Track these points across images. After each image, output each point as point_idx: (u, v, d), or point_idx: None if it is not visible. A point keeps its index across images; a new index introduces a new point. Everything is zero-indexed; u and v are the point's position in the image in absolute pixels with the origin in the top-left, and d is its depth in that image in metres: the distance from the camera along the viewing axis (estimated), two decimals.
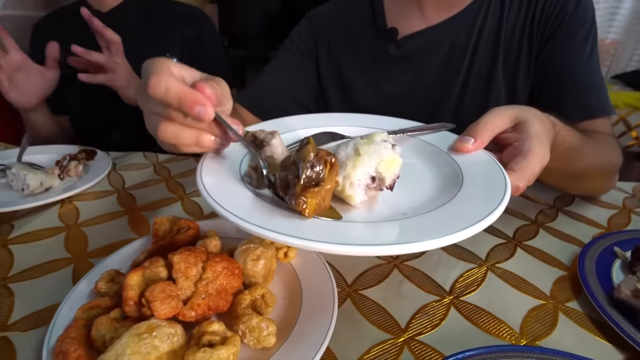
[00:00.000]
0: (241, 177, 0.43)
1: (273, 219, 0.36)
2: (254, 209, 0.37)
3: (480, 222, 0.34)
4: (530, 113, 0.49)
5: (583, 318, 0.49)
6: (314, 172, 0.37)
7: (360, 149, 0.41)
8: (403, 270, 0.56)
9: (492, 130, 0.48)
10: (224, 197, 0.37)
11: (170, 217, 0.57)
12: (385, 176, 0.41)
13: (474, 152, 0.47)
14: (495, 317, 0.48)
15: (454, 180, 0.44)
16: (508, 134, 0.49)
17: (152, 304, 0.38)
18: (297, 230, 0.33)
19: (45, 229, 0.66)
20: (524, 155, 0.45)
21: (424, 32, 0.83)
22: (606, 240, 0.61)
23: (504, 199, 0.37)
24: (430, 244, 0.32)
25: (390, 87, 0.88)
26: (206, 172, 0.41)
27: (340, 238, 0.33)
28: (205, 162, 0.44)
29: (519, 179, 0.43)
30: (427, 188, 0.44)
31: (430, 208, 0.38)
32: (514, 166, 0.44)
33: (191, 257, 0.43)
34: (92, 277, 0.49)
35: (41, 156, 0.91)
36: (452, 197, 0.40)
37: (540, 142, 0.46)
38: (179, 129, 0.39)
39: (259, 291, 0.45)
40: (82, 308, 0.43)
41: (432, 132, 0.55)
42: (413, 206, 0.41)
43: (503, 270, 0.57)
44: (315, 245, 0.31)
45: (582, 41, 0.76)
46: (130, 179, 0.85)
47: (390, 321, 0.48)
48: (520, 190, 0.43)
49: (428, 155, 0.50)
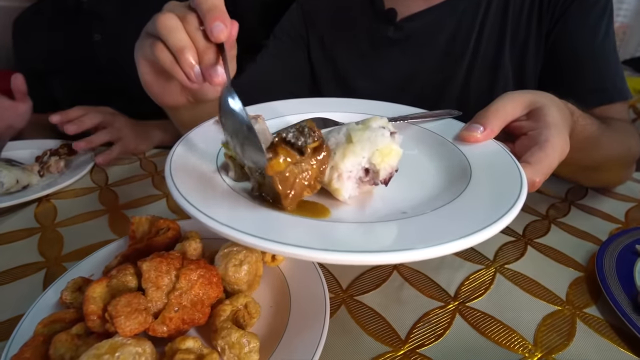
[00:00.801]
0: (217, 169, 0.38)
1: (246, 218, 0.31)
2: (226, 206, 0.32)
3: (492, 225, 0.28)
4: (547, 99, 0.43)
5: (604, 326, 0.44)
6: (297, 139, 0.33)
7: (353, 135, 0.36)
8: (403, 272, 0.51)
9: (504, 117, 0.43)
10: (193, 191, 0.32)
11: (149, 217, 0.52)
12: (380, 168, 0.36)
13: (483, 142, 0.42)
14: (505, 326, 0.44)
15: (461, 174, 0.38)
16: (522, 122, 0.44)
17: (115, 319, 0.34)
18: (271, 232, 0.28)
19: (19, 231, 0.61)
20: (540, 145, 0.39)
21: (425, 13, 0.77)
22: (626, 237, 0.55)
23: (520, 196, 0.32)
24: (430, 252, 0.26)
25: (390, 73, 0.83)
26: (177, 161, 0.37)
27: (321, 242, 0.28)
28: (178, 149, 0.39)
29: (535, 172, 0.38)
30: (430, 183, 0.39)
31: (433, 207, 0.33)
32: (529, 158, 0.39)
33: (163, 265, 0.38)
34: (60, 285, 0.45)
35: (22, 152, 0.87)
36: (459, 194, 0.34)
37: (559, 132, 0.41)
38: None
39: (242, 300, 0.41)
40: (42, 322, 0.38)
41: (435, 119, 0.49)
42: (413, 204, 0.35)
43: (513, 272, 0.52)
44: (288, 249, 0.26)
45: (597, 20, 0.70)
46: (114, 175, 0.80)
47: (388, 331, 0.43)
48: (537, 186, 0.38)
49: (431, 145, 0.45)
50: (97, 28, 1.07)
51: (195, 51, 0.42)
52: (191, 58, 0.42)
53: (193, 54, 0.42)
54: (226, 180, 0.37)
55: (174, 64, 0.43)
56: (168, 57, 0.43)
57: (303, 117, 0.49)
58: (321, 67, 0.89)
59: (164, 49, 0.43)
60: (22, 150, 0.87)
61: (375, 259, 0.26)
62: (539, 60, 0.74)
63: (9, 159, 0.79)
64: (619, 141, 0.62)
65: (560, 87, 0.74)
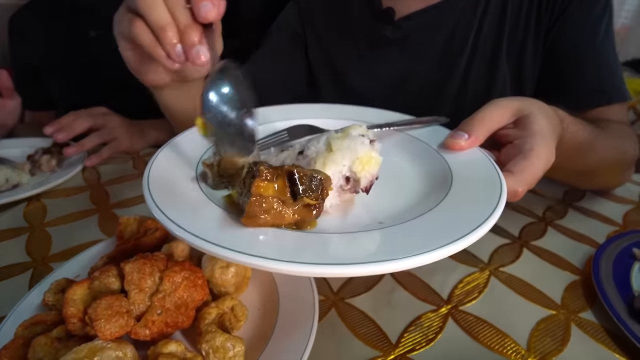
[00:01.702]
0: (196, 177, 0.38)
1: (221, 230, 0.30)
2: (202, 216, 0.32)
3: (463, 238, 0.28)
4: (535, 107, 0.43)
5: (599, 331, 0.43)
6: (302, 183, 0.31)
7: (333, 144, 0.36)
8: (396, 275, 0.50)
9: (490, 125, 0.42)
10: (169, 200, 0.32)
11: (137, 217, 0.52)
12: (361, 177, 0.36)
13: (467, 149, 0.41)
14: (498, 331, 0.43)
15: (442, 183, 0.37)
16: (508, 130, 0.43)
17: (95, 322, 0.33)
18: (242, 244, 0.27)
19: (7, 230, 0.60)
20: (524, 154, 0.39)
21: (423, 12, 0.76)
22: (623, 240, 0.55)
23: (497, 207, 0.31)
24: (393, 266, 0.26)
25: (387, 72, 0.82)
26: (156, 170, 0.36)
27: (291, 254, 0.27)
28: (159, 157, 0.39)
29: (517, 182, 0.37)
30: (410, 192, 0.38)
31: (410, 217, 0.32)
32: (512, 167, 0.38)
33: (146, 266, 0.37)
34: (44, 286, 0.44)
35: (14, 150, 0.86)
36: (437, 204, 0.34)
37: (545, 141, 0.40)
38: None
39: (228, 303, 0.40)
40: (23, 324, 0.38)
41: (422, 126, 0.48)
42: (392, 214, 0.34)
43: (508, 275, 0.51)
44: (256, 261, 0.26)
45: (597, 20, 0.69)
46: (107, 174, 0.79)
47: (379, 335, 0.42)
48: (519, 196, 0.37)
49: (415, 152, 0.44)
50: (93, 25, 1.07)
51: (176, 29, 0.40)
52: (173, 36, 0.39)
53: (174, 32, 0.39)
54: (203, 189, 0.36)
55: (155, 44, 0.41)
56: (148, 35, 0.41)
57: (290, 123, 0.48)
58: (318, 65, 0.88)
59: (143, 26, 0.41)
60: (15, 148, 0.86)
61: (331, 271, 0.26)
62: (537, 60, 0.73)
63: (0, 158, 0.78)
64: (613, 146, 0.61)
65: (559, 87, 0.74)
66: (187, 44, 0.39)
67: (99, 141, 0.83)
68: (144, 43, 0.41)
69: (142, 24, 0.41)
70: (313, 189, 0.31)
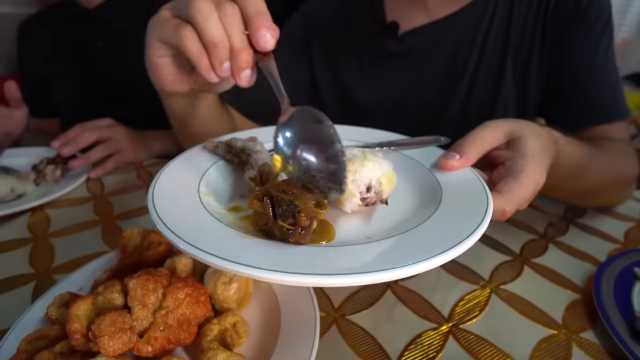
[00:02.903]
0: (198, 191, 0.39)
1: (219, 241, 0.31)
2: (206, 230, 0.32)
3: (445, 252, 0.29)
4: (528, 129, 0.44)
5: (600, 352, 0.43)
6: (281, 207, 0.32)
7: (367, 155, 0.38)
8: (397, 291, 0.50)
9: (481, 146, 0.43)
10: (173, 215, 0.33)
11: (141, 230, 0.52)
12: (383, 190, 0.38)
13: (459, 169, 0.42)
14: (499, 350, 0.43)
15: (431, 201, 0.39)
16: (500, 152, 0.44)
17: (98, 339, 0.33)
18: (236, 254, 0.28)
19: (10, 241, 0.61)
20: (514, 176, 0.40)
21: (427, 27, 0.77)
22: (625, 259, 0.55)
23: (481, 225, 0.32)
24: (372, 277, 0.27)
25: (390, 87, 0.82)
26: (161, 185, 0.37)
27: (283, 264, 0.28)
28: (164, 172, 0.40)
29: (505, 202, 0.38)
30: (400, 209, 0.39)
31: (396, 232, 0.33)
32: (501, 188, 0.39)
33: (150, 282, 0.37)
34: (47, 299, 0.44)
35: (19, 159, 0.86)
36: (423, 220, 0.35)
37: (535, 163, 0.41)
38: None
39: (230, 320, 0.40)
40: (26, 338, 0.38)
41: (419, 146, 0.49)
42: (380, 230, 0.36)
43: (509, 293, 0.51)
44: (249, 271, 0.27)
45: (598, 37, 0.70)
46: (110, 185, 0.80)
47: (379, 353, 0.42)
48: (507, 215, 0.38)
49: (408, 171, 0.45)
50: (101, 35, 1.08)
51: (228, 47, 0.39)
52: (224, 54, 0.39)
53: (227, 49, 0.39)
54: (208, 208, 0.37)
55: (202, 53, 0.39)
56: (196, 46, 0.39)
57: None
58: (322, 77, 0.89)
59: (194, 34, 0.39)
60: (20, 158, 0.87)
61: (326, 281, 0.27)
62: (541, 76, 0.74)
63: (5, 167, 0.79)
64: (611, 165, 0.61)
65: (560, 104, 0.74)
66: (237, 65, 0.39)
67: (104, 153, 0.84)
68: (191, 51, 0.40)
69: (192, 31, 0.39)
70: (287, 215, 0.32)
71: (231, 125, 0.74)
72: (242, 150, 0.44)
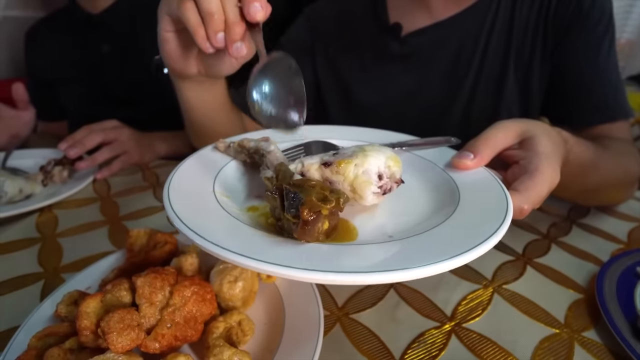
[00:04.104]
0: (213, 191, 0.39)
1: (238, 237, 0.32)
2: (220, 227, 0.33)
3: (471, 250, 0.29)
4: (539, 128, 0.44)
5: (602, 351, 0.43)
6: (287, 199, 0.33)
7: (365, 147, 0.39)
8: (400, 291, 0.51)
9: (495, 145, 0.43)
10: (189, 212, 0.33)
11: (147, 230, 0.53)
12: (394, 171, 0.38)
13: (473, 169, 0.42)
14: (501, 349, 0.43)
15: (450, 200, 0.38)
16: (514, 151, 0.44)
17: (107, 335, 0.34)
18: (253, 250, 0.29)
19: (19, 240, 0.62)
20: (530, 174, 0.40)
21: (429, 29, 0.78)
22: (627, 259, 0.55)
23: (504, 222, 0.32)
24: (406, 275, 0.27)
25: (393, 88, 0.83)
26: (176, 185, 0.38)
27: (300, 261, 0.28)
28: (178, 172, 0.40)
29: (523, 200, 0.38)
30: (418, 208, 0.39)
31: (418, 231, 0.33)
32: (518, 186, 0.39)
33: (157, 281, 0.38)
34: (56, 297, 0.45)
35: (27, 161, 0.88)
36: (445, 219, 0.35)
37: (549, 162, 0.41)
38: None
39: (236, 317, 0.41)
40: (37, 335, 0.39)
41: (430, 147, 0.49)
42: (401, 228, 0.36)
43: (511, 293, 0.51)
44: (265, 267, 0.27)
45: (600, 39, 0.70)
46: (116, 185, 0.81)
47: (383, 351, 0.43)
48: (525, 214, 0.39)
49: (422, 172, 0.45)
50: (106, 39, 1.10)
51: (224, 19, 0.44)
52: (219, 24, 0.44)
53: (221, 21, 0.44)
54: (223, 205, 0.37)
55: (199, 24, 0.45)
56: (195, 15, 0.44)
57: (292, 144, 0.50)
58: (325, 79, 0.90)
59: (193, 8, 0.44)
60: (27, 159, 0.88)
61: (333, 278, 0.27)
62: (544, 77, 0.75)
63: (13, 168, 0.81)
64: (616, 164, 0.62)
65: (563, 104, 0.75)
66: (230, 37, 0.44)
67: (110, 155, 0.85)
68: (189, 21, 0.45)
69: (192, 5, 0.44)
70: (293, 207, 0.32)
71: (239, 119, 0.76)
72: (256, 151, 0.45)
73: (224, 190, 0.41)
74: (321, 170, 0.38)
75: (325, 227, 0.32)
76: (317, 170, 0.38)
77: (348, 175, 0.37)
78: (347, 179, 0.37)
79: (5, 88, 1.00)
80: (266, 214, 0.38)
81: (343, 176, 0.37)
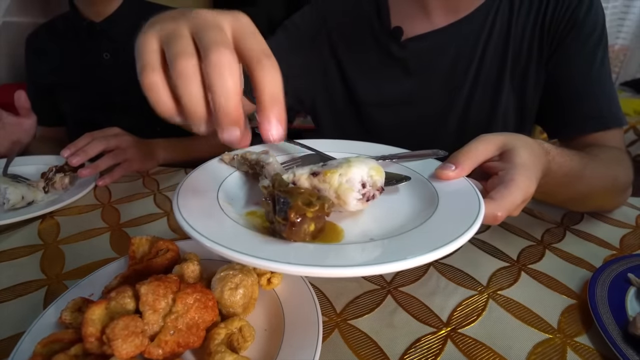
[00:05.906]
0: (217, 198, 0.43)
1: (243, 240, 0.35)
2: (224, 229, 0.37)
3: (439, 249, 0.32)
4: (519, 141, 0.47)
5: (594, 355, 0.44)
6: (279, 203, 0.37)
7: (350, 159, 0.43)
8: (397, 297, 0.52)
9: (476, 158, 0.46)
10: (197, 219, 0.37)
11: (149, 237, 0.54)
12: (376, 180, 0.42)
13: (454, 179, 0.46)
14: (496, 354, 0.44)
15: (429, 207, 0.42)
16: (494, 163, 0.47)
17: (112, 342, 0.35)
18: (248, 248, 0.32)
19: (22, 247, 0.63)
20: (505, 184, 0.43)
21: (428, 35, 0.79)
22: (619, 265, 0.56)
23: (473, 225, 0.36)
24: (374, 269, 0.30)
25: (393, 89, 0.84)
26: (184, 193, 0.42)
27: (292, 258, 0.32)
28: (185, 182, 0.45)
29: (497, 207, 0.41)
30: (401, 214, 0.43)
31: (396, 233, 0.37)
32: (494, 195, 0.43)
33: (160, 288, 0.39)
34: (60, 304, 0.46)
35: (28, 167, 0.88)
36: (422, 222, 0.38)
37: (525, 172, 0.44)
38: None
39: (237, 324, 0.42)
40: (42, 342, 0.39)
41: (418, 159, 0.53)
42: (383, 232, 0.39)
43: (506, 299, 0.52)
44: (262, 262, 0.30)
45: (593, 48, 0.72)
46: (117, 192, 0.82)
47: (380, 356, 0.44)
48: (499, 220, 0.42)
49: (408, 182, 0.49)
50: (107, 48, 1.11)
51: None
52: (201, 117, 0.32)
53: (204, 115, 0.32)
54: (225, 210, 0.41)
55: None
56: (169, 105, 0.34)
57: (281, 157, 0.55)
58: (329, 70, 0.90)
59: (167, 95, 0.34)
60: (29, 166, 0.89)
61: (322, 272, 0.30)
62: (539, 86, 0.77)
63: (15, 175, 0.81)
64: (604, 173, 0.64)
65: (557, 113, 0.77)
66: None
67: (112, 162, 0.86)
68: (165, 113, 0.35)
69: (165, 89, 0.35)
70: (282, 211, 0.36)
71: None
72: (257, 163, 0.49)
73: (227, 198, 0.45)
74: (310, 180, 0.42)
75: (311, 228, 0.36)
76: (306, 179, 0.42)
77: (333, 183, 0.41)
78: (332, 186, 0.41)
79: (7, 93, 1.00)
80: (262, 217, 0.42)
81: (329, 184, 0.41)
